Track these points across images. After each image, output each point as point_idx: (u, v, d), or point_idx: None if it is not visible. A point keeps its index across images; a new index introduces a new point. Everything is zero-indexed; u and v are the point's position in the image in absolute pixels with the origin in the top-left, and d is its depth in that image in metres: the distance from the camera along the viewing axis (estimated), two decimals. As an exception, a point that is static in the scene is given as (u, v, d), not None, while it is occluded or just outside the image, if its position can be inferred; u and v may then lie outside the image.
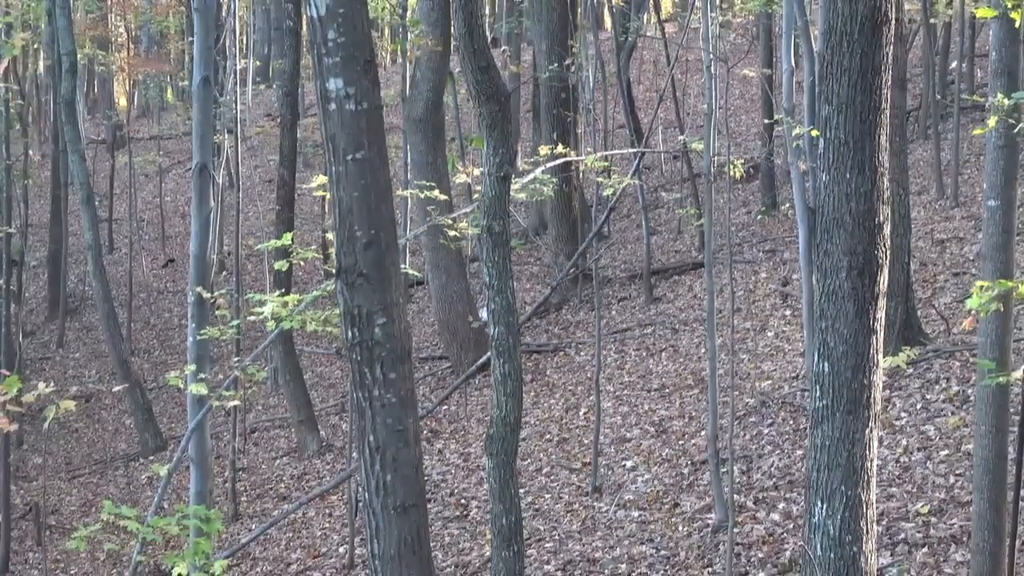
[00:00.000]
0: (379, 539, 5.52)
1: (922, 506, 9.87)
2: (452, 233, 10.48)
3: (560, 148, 11.97)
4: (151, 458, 18.67)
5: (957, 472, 10.26)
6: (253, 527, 14.87)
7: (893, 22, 6.09)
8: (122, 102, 44.20)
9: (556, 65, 20.04)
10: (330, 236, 5.70)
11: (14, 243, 22.71)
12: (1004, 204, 7.53)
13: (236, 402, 8.02)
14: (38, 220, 31.97)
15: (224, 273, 24.89)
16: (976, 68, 23.21)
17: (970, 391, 11.40)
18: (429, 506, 12.77)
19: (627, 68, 23.64)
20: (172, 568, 5.82)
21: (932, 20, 22.44)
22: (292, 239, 8.63)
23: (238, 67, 22.72)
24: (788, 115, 9.78)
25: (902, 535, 9.54)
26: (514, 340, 7.95)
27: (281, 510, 15.02)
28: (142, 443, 19.73)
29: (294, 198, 17.99)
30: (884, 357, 6.35)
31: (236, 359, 12.82)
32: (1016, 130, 7.34)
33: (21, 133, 29.25)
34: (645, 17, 30.62)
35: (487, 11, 42.66)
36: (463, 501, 13.50)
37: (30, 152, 28.99)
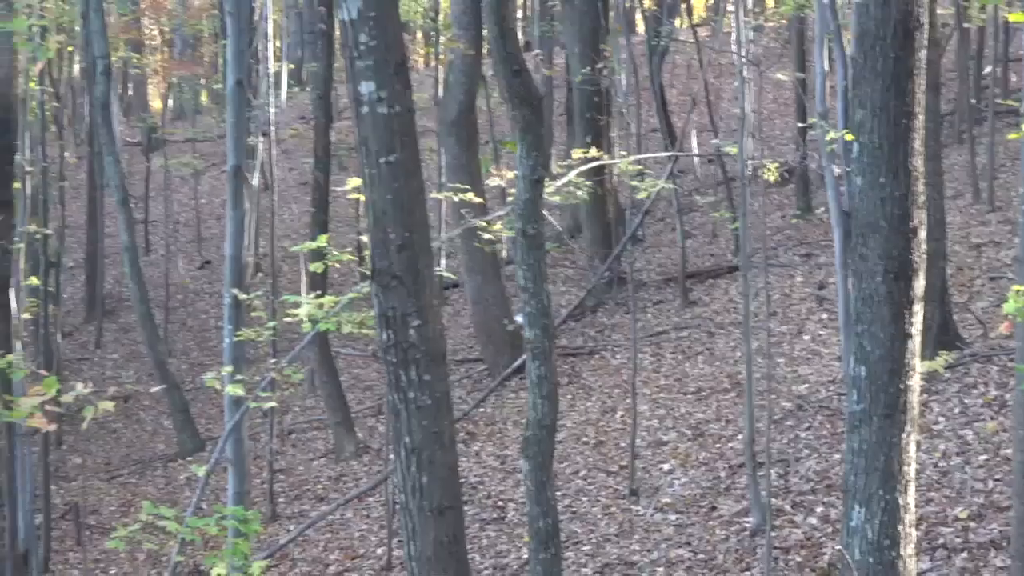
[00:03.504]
0: (416, 541, 5.54)
1: (961, 511, 9.82)
2: (487, 236, 10.48)
3: (593, 151, 11.99)
4: (189, 459, 18.71)
5: (996, 477, 10.20)
6: (291, 528, 14.92)
7: (926, 27, 6.07)
8: (156, 105, 44.39)
9: (589, 69, 20.01)
10: (365, 238, 5.72)
11: (51, 245, 22.82)
12: (1042, 207, 7.50)
13: (273, 403, 8.05)
14: (74, 222, 32.14)
15: (260, 275, 24.98)
16: (1010, 72, 23.06)
17: (1008, 396, 11.33)
18: (466, 508, 12.75)
19: (660, 72, 23.58)
20: (211, 568, 5.85)
21: (966, 25, 22.28)
22: (327, 241, 8.66)
23: (271, 70, 22.80)
24: (822, 119, 9.74)
25: (941, 540, 9.50)
26: (549, 343, 7.95)
27: (319, 511, 15.07)
28: (180, 444, 19.81)
29: (328, 200, 18.04)
30: (921, 361, 6.33)
31: (273, 360, 12.87)
32: (1053, 133, 7.31)
33: (56, 135, 29.38)
34: (677, 21, 30.52)
35: (519, 14, 42.62)
36: (500, 503, 13.52)
37: (65, 154, 29.15)
